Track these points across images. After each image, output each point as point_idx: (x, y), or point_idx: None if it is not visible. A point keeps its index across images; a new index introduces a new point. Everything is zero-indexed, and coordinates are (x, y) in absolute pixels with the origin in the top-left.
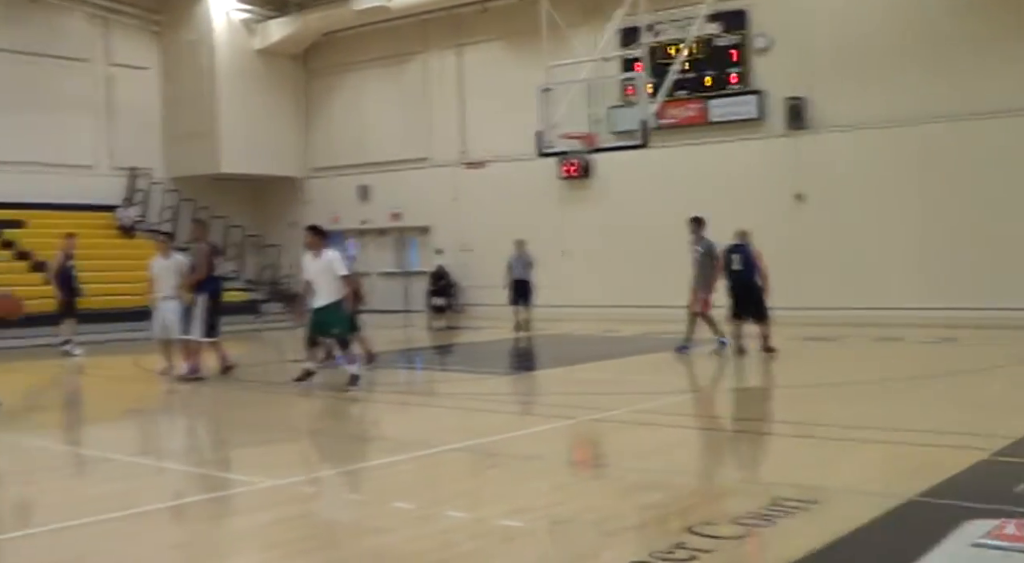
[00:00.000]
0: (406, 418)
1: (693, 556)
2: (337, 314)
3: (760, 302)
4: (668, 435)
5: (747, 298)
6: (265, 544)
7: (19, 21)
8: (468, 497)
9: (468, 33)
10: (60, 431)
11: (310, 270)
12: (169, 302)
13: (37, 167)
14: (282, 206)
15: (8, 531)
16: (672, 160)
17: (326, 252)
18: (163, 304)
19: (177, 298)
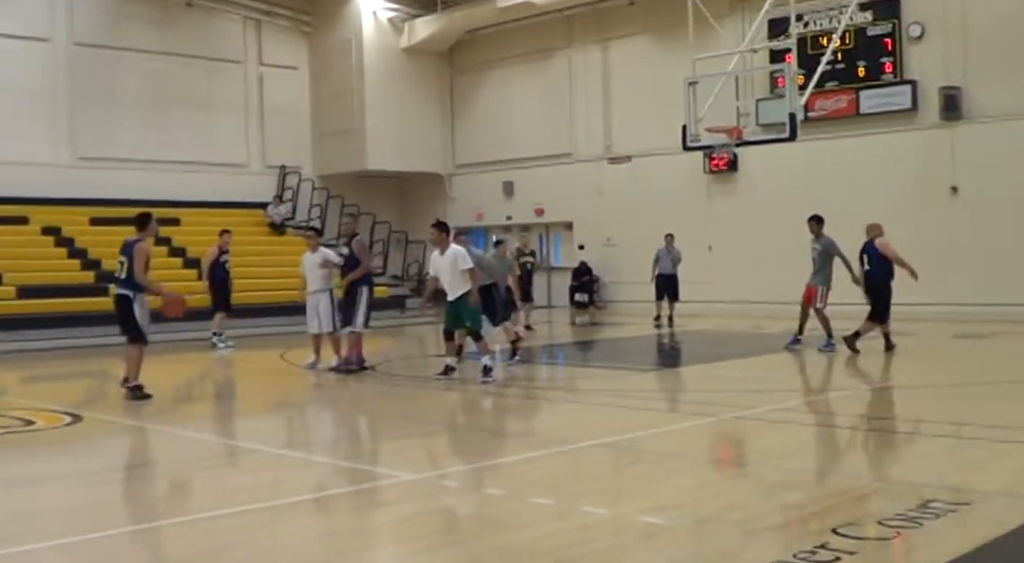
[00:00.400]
0: (547, 413)
1: (836, 557)
2: (467, 307)
3: (879, 302)
4: (811, 434)
5: (873, 298)
6: (404, 537)
7: (175, 24)
8: (608, 493)
9: (613, 28)
10: (211, 423)
11: (436, 266)
12: (318, 296)
13: (191, 166)
14: (427, 202)
15: (163, 518)
16: (821, 153)
17: (451, 247)
18: (312, 298)
19: (326, 291)
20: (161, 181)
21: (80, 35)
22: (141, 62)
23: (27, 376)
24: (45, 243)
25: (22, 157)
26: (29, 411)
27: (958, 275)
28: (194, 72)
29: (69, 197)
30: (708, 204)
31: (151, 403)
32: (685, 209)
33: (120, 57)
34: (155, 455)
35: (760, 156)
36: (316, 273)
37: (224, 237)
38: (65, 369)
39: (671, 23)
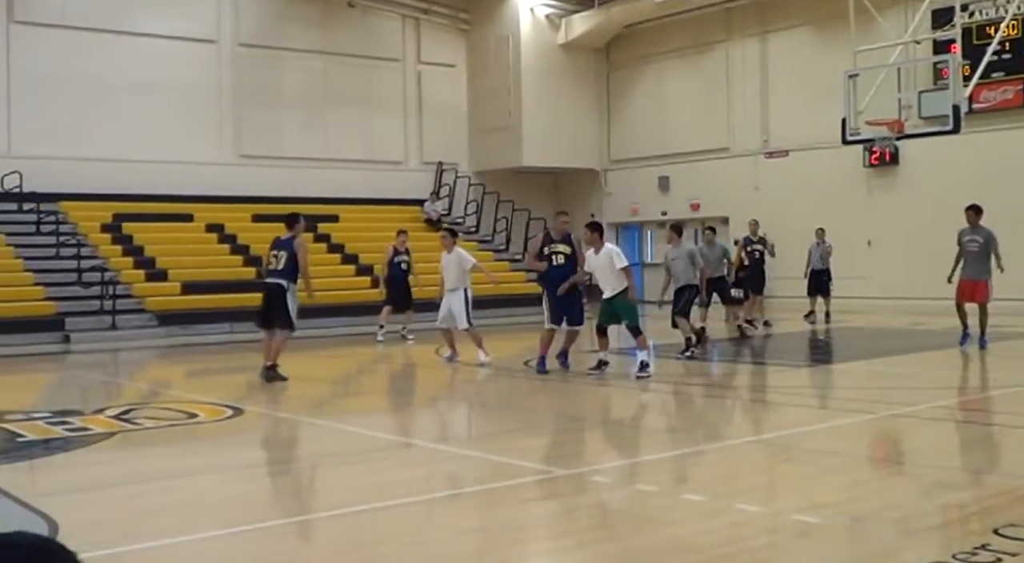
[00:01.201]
0: (699, 410)
1: (998, 559)
2: (624, 304)
3: None
4: (971, 432)
5: None
6: (555, 532)
7: (336, 24)
8: (762, 491)
9: (773, 20)
10: (366, 416)
11: (591, 264)
12: (452, 294)
13: (350, 163)
14: (582, 198)
15: (316, 511)
16: (986, 146)
17: (605, 246)
18: (448, 296)
19: (460, 289)
20: (320, 178)
21: (245, 36)
22: (303, 62)
23: (191, 370)
24: (208, 240)
25: (187, 156)
26: (193, 404)
27: None
28: (354, 71)
29: (232, 195)
30: (867, 199)
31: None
32: (843, 204)
33: (282, 57)
34: (311, 448)
35: (922, 149)
36: (451, 272)
37: (400, 237)
38: (227, 363)
39: (832, 15)
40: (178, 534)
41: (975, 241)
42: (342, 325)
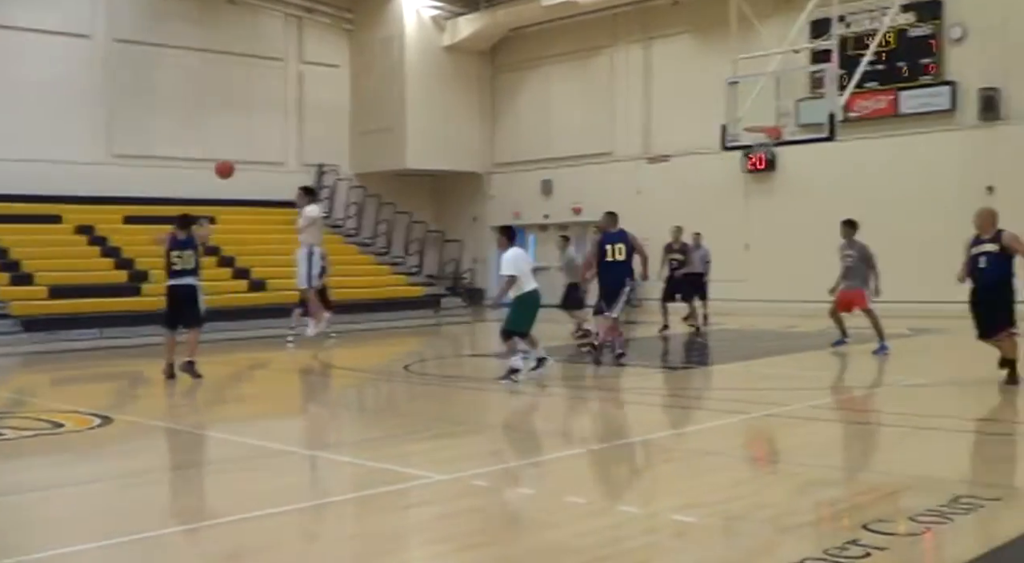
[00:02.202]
0: (578, 412)
1: (867, 553)
2: (512, 308)
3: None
4: (843, 431)
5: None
6: (436, 537)
7: (216, 21)
8: (641, 492)
9: (656, 27)
10: (240, 424)
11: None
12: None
13: None
14: (465, 201)
15: (191, 522)
16: (860, 153)
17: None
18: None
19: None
20: (197, 179)
21: (120, 31)
22: (180, 59)
23: (58, 378)
24: (78, 242)
25: (56, 155)
26: (58, 414)
27: None
28: (233, 69)
29: (104, 195)
30: (745, 203)
31: (184, 404)
32: (723, 208)
33: (159, 54)
34: (185, 457)
35: (799, 156)
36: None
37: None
38: (96, 370)
39: (714, 23)
40: (57, 546)
41: (850, 256)
42: (220, 330)
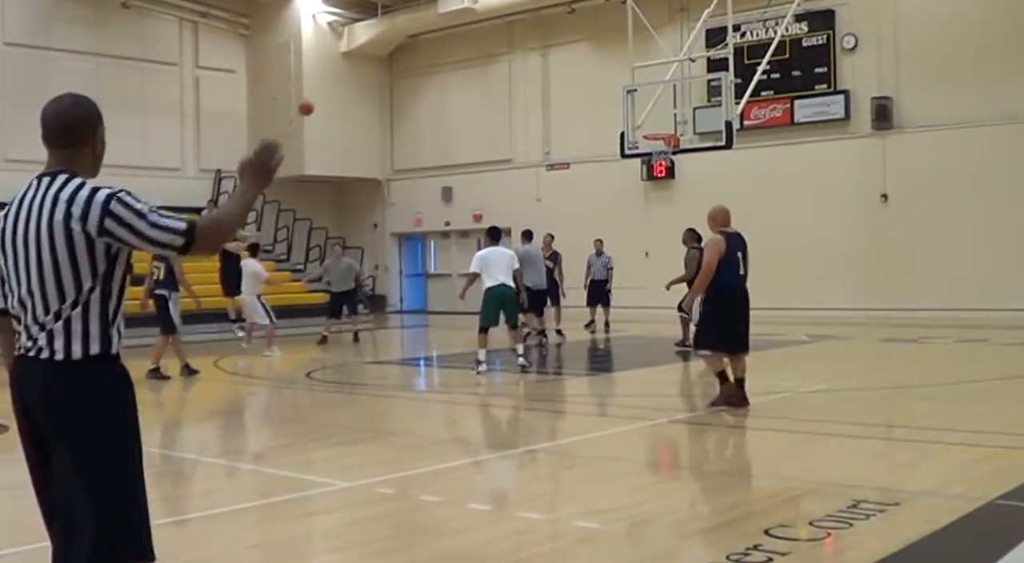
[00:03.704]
0: (483, 419)
1: (769, 558)
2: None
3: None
4: (746, 437)
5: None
6: (341, 545)
7: (109, 25)
8: (545, 498)
9: (554, 34)
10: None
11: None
12: None
13: (125, 170)
14: (365, 208)
15: None
16: (757, 161)
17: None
18: None
19: None
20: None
21: (10, 35)
22: (73, 63)
23: None
24: None
25: None
26: None
27: (888, 281)
28: (128, 74)
29: None
30: (645, 211)
31: None
32: (623, 216)
33: (51, 58)
34: None
35: (697, 164)
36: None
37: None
38: None
39: (611, 31)
40: None
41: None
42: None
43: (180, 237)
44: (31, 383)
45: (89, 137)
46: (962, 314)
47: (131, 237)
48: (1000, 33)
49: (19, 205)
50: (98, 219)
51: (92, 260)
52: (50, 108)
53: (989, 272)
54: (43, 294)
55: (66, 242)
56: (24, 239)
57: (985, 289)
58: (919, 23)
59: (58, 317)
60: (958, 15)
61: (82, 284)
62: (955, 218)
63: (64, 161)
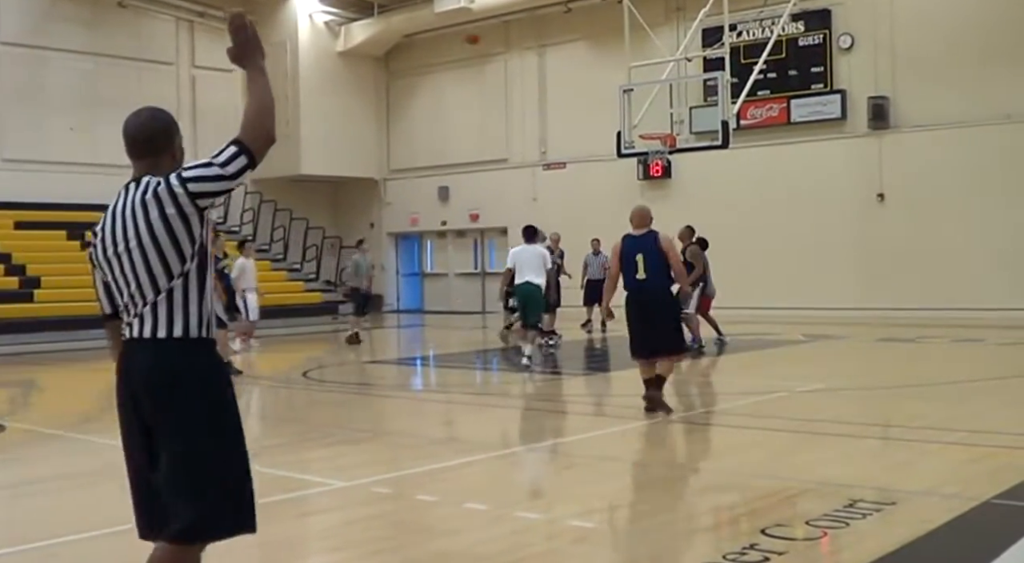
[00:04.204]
0: (480, 419)
1: (765, 558)
2: None
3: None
4: (743, 436)
5: None
6: (338, 545)
7: (106, 25)
8: (541, 498)
9: (550, 34)
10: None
11: None
12: None
13: (120, 169)
14: (362, 207)
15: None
16: (753, 160)
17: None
18: None
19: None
20: (89, 184)
21: (8, 34)
22: (70, 63)
23: None
24: None
25: None
26: None
27: (884, 280)
28: (125, 73)
29: None
30: None
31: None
32: (619, 216)
33: (49, 57)
34: (80, 465)
35: (693, 163)
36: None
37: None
38: None
39: (607, 30)
40: None
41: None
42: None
43: (244, 156)
44: (139, 365)
45: (168, 146)
46: (959, 313)
47: (218, 184)
48: (996, 33)
49: (113, 215)
50: (183, 190)
51: (191, 241)
52: (131, 122)
53: (986, 272)
54: (150, 286)
55: (166, 231)
56: (126, 244)
57: (982, 289)
58: (915, 23)
59: (158, 305)
60: (954, 15)
61: (178, 269)
62: (951, 218)
63: (147, 168)
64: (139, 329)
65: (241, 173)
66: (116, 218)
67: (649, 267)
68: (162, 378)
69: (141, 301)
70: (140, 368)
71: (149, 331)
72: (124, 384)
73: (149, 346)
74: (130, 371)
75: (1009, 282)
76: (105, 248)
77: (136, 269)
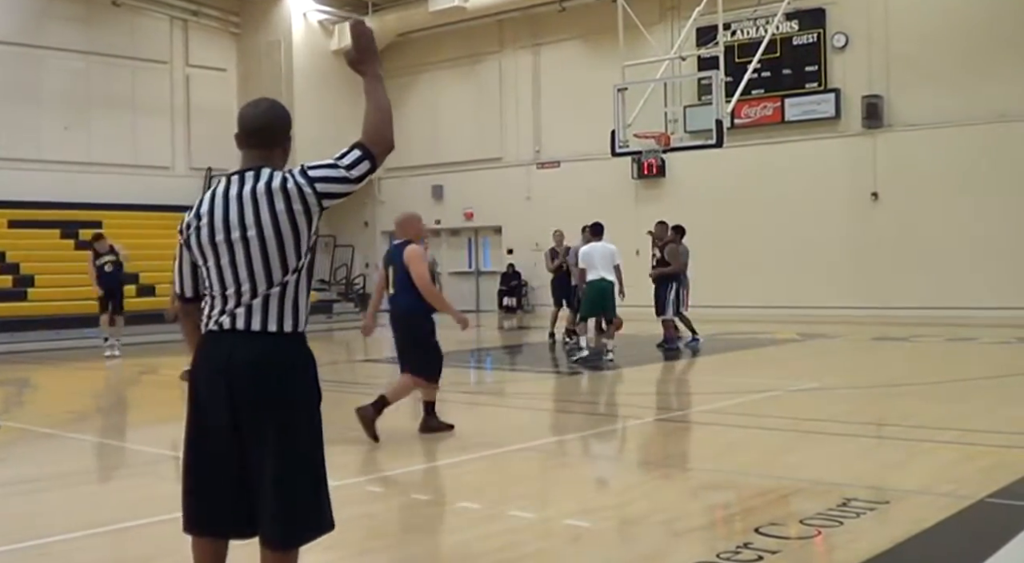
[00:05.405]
0: (474, 417)
1: (759, 556)
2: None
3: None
4: (736, 435)
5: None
6: (330, 543)
7: (100, 24)
8: (535, 497)
9: (545, 33)
10: (128, 430)
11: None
12: None
13: (115, 168)
14: (356, 206)
15: (82, 529)
16: (747, 159)
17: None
18: None
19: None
20: (83, 183)
21: (2, 33)
22: (64, 61)
23: None
24: None
25: None
26: None
27: (878, 279)
28: (118, 72)
29: None
30: (636, 209)
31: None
32: (613, 214)
33: (42, 56)
34: (73, 464)
35: (687, 162)
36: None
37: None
38: None
39: (601, 29)
40: None
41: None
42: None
43: (367, 160)
44: (245, 358)
45: (283, 140)
46: (952, 312)
47: (344, 186)
48: (990, 32)
49: (225, 201)
50: (311, 190)
51: (309, 238)
52: (248, 111)
53: (979, 270)
54: (264, 278)
55: (291, 226)
56: (243, 232)
57: (975, 287)
58: (909, 22)
59: (270, 299)
60: (948, 14)
61: (294, 264)
62: (945, 216)
63: (261, 159)
64: (245, 321)
65: (364, 177)
66: (230, 205)
67: (396, 282)
68: (274, 373)
69: (251, 293)
70: (246, 361)
71: (259, 324)
72: (213, 375)
73: (258, 339)
74: (230, 363)
75: (1002, 281)
76: (214, 233)
77: (252, 260)
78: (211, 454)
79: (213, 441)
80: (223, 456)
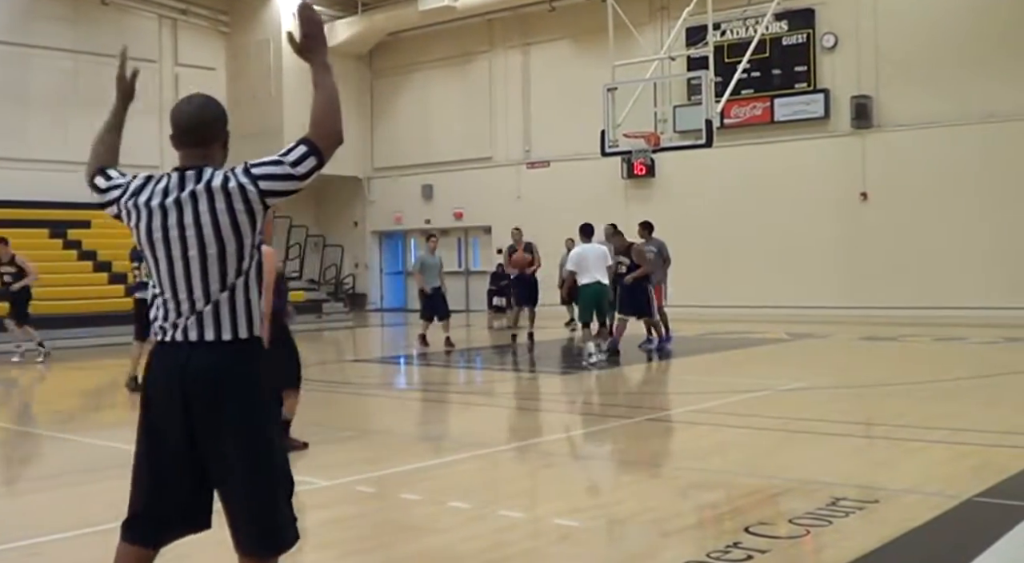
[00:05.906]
0: (463, 417)
1: (749, 556)
2: None
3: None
4: (725, 435)
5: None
6: (321, 543)
7: (88, 22)
8: (524, 497)
9: (534, 32)
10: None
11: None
12: None
13: None
14: (345, 206)
15: (72, 529)
16: (737, 159)
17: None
18: None
19: None
20: (71, 182)
21: None
22: (52, 60)
23: None
24: None
25: None
26: None
27: (867, 279)
28: (107, 71)
29: None
30: (626, 209)
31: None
32: (602, 214)
33: (30, 55)
34: (59, 464)
35: (677, 162)
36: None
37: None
38: None
39: (591, 29)
40: None
41: (650, 252)
42: (94, 336)
43: (314, 156)
44: (199, 368)
45: (221, 134)
46: (941, 312)
47: (288, 184)
48: (979, 32)
49: (165, 194)
50: (254, 188)
51: (254, 239)
52: (181, 110)
53: (968, 270)
54: (204, 281)
55: (232, 227)
56: (181, 230)
57: (964, 287)
58: (898, 22)
59: (220, 305)
60: (937, 14)
61: (242, 267)
62: (934, 216)
63: (199, 158)
64: (198, 332)
65: (311, 174)
66: (169, 208)
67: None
68: (234, 384)
69: (204, 298)
70: (200, 371)
71: (212, 334)
72: (169, 385)
73: (215, 349)
74: (184, 373)
75: (991, 281)
76: (152, 231)
77: (199, 263)
78: (163, 466)
79: (165, 451)
80: (174, 469)
